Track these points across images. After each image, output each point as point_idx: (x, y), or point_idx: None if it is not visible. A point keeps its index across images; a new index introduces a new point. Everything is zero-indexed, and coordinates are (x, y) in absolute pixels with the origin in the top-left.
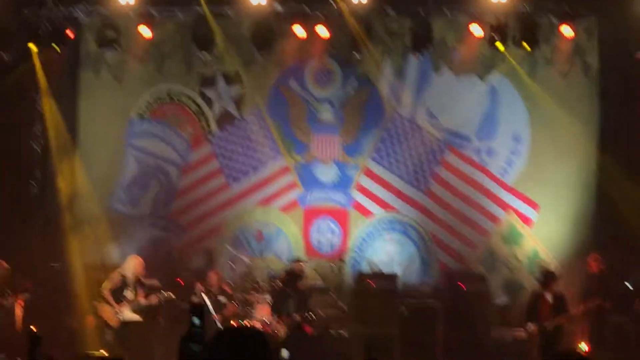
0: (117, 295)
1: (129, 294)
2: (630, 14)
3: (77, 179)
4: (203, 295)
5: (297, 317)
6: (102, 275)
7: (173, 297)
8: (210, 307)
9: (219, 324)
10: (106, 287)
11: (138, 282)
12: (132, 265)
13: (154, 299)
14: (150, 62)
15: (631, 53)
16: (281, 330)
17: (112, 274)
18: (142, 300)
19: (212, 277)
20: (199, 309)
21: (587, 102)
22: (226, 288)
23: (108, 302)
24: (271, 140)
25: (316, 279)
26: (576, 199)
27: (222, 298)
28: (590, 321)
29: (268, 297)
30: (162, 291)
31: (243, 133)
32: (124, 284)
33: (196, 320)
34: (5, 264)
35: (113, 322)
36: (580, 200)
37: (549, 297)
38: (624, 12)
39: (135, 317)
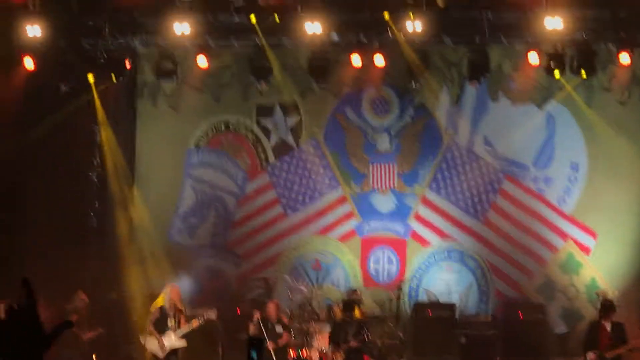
0: (161, 326)
1: (170, 322)
2: None
3: (136, 210)
4: (260, 324)
5: (354, 343)
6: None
7: (213, 316)
8: (265, 336)
9: (272, 354)
10: (149, 321)
11: (177, 310)
12: (169, 294)
13: (195, 323)
14: (207, 92)
15: None
16: (337, 358)
17: (152, 307)
18: (185, 326)
19: (271, 307)
20: (258, 342)
21: None
22: (283, 318)
23: (152, 335)
24: (328, 169)
25: (374, 309)
26: (635, 226)
27: (278, 328)
28: None
29: (327, 326)
30: (203, 314)
31: (300, 163)
32: (164, 314)
33: (254, 354)
34: (84, 297)
35: (160, 354)
36: (639, 227)
37: (607, 326)
38: None
39: (181, 344)
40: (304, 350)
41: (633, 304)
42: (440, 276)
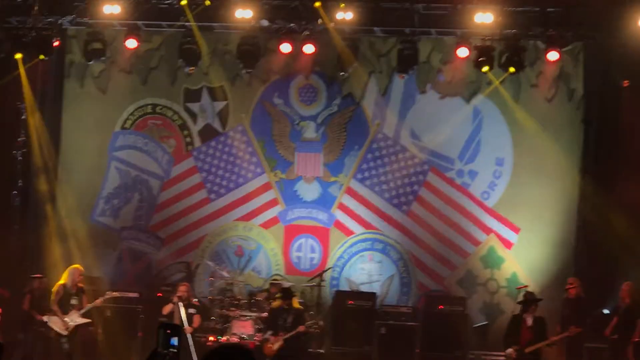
0: (65, 305)
1: (74, 301)
2: (616, 42)
3: (60, 189)
4: (181, 307)
5: (301, 329)
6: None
7: (116, 294)
8: (185, 318)
9: (189, 337)
10: (52, 300)
11: (79, 289)
12: (71, 274)
13: (99, 301)
14: (135, 75)
15: (617, 80)
16: (276, 345)
17: (54, 287)
18: (88, 305)
19: (182, 289)
20: (176, 328)
21: (570, 127)
22: (194, 301)
23: (56, 314)
24: (254, 155)
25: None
26: (557, 223)
27: (191, 310)
28: (567, 347)
29: (248, 313)
30: (106, 292)
31: (226, 148)
32: (67, 293)
33: (174, 342)
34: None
35: (65, 331)
36: (561, 224)
37: (529, 320)
38: (610, 40)
39: (85, 320)
40: (225, 337)
41: (552, 300)
42: (362, 266)
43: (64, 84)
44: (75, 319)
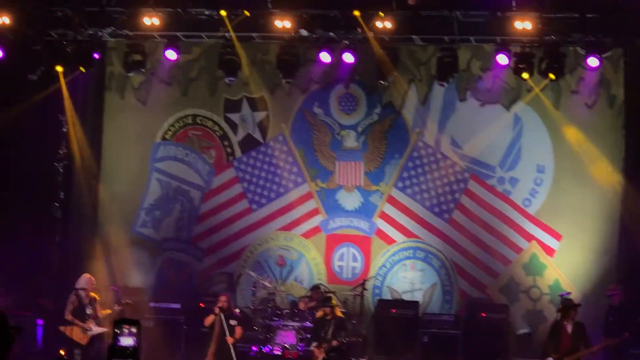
0: (81, 315)
1: (89, 311)
2: None
3: (101, 202)
4: (222, 317)
5: (335, 342)
6: (125, 298)
7: (131, 302)
8: (227, 329)
9: (231, 347)
10: (67, 311)
11: (92, 299)
12: (83, 284)
13: (115, 308)
14: (175, 86)
15: None
16: (320, 357)
17: (70, 297)
18: (102, 313)
19: (222, 300)
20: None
21: (611, 134)
22: (236, 312)
23: (74, 324)
24: (295, 165)
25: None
26: (599, 229)
27: (233, 321)
28: (610, 354)
29: (291, 323)
30: (120, 300)
31: (267, 158)
32: (81, 303)
33: (124, 343)
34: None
35: (84, 340)
36: (603, 231)
37: (569, 327)
38: None
39: (102, 330)
40: (267, 347)
41: (595, 307)
42: (405, 275)
43: (104, 96)
44: (94, 328)
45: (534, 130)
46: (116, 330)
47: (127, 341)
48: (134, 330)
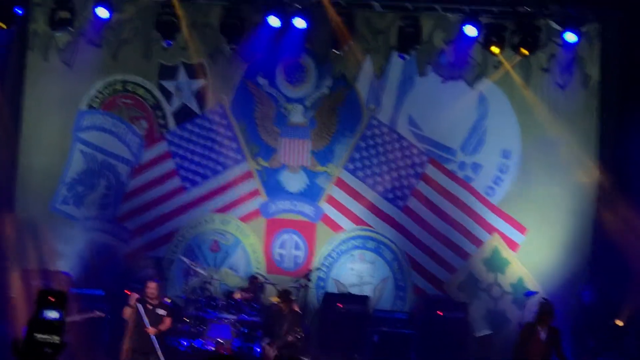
0: None
1: None
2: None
3: (19, 175)
4: (138, 306)
5: (290, 338)
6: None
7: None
8: (146, 319)
9: (154, 339)
10: None
11: None
12: None
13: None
14: (105, 48)
15: (638, 65)
16: (271, 355)
17: None
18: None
19: (151, 287)
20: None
21: (586, 117)
22: (165, 300)
23: None
24: (234, 141)
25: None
26: (569, 223)
27: (161, 311)
28: None
29: (226, 316)
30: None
31: (203, 131)
32: None
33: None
34: None
35: None
36: (573, 225)
37: (542, 333)
38: (630, 20)
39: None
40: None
41: (562, 308)
42: (352, 266)
43: (26, 56)
44: None
45: (500, 112)
46: (40, 301)
47: (51, 314)
48: (60, 301)
